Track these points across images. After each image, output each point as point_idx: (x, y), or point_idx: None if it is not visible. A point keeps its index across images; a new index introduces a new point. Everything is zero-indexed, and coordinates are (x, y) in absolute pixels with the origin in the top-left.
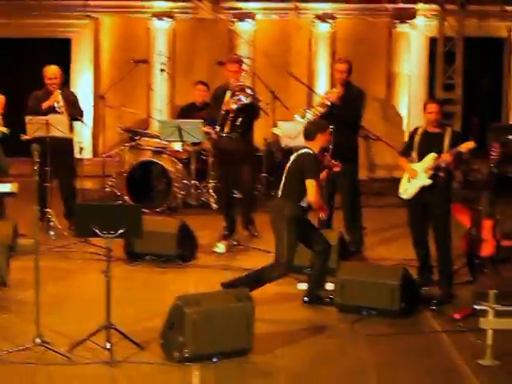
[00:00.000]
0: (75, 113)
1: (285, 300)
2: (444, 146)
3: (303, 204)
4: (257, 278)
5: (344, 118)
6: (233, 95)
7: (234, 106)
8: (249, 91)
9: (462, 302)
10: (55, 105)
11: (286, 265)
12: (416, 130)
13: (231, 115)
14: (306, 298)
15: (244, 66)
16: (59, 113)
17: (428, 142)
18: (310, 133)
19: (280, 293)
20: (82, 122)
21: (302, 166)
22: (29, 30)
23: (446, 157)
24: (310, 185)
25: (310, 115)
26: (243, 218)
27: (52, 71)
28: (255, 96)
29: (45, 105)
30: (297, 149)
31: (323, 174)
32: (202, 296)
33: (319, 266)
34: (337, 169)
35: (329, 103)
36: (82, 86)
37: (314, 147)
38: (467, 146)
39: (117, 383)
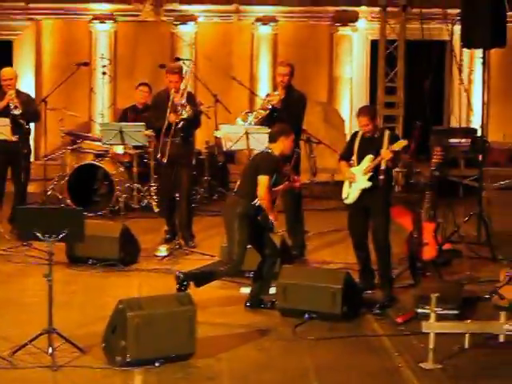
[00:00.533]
0: (31, 112)
1: (228, 303)
2: (382, 148)
3: (257, 203)
4: (206, 274)
5: (285, 121)
6: (175, 110)
7: (176, 119)
8: (188, 108)
9: (404, 306)
10: (10, 105)
11: (236, 262)
12: (356, 133)
13: (173, 125)
14: (248, 303)
15: (185, 72)
16: (14, 113)
17: (366, 146)
18: (272, 135)
19: (223, 296)
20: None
21: (257, 163)
22: None
23: (384, 153)
24: (261, 181)
25: (251, 118)
26: (181, 222)
27: (8, 72)
28: (196, 108)
29: (1, 104)
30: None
31: (284, 185)
32: (145, 300)
33: (266, 270)
34: (297, 184)
35: (270, 106)
36: (24, 88)
37: (275, 149)
38: (400, 144)
39: None
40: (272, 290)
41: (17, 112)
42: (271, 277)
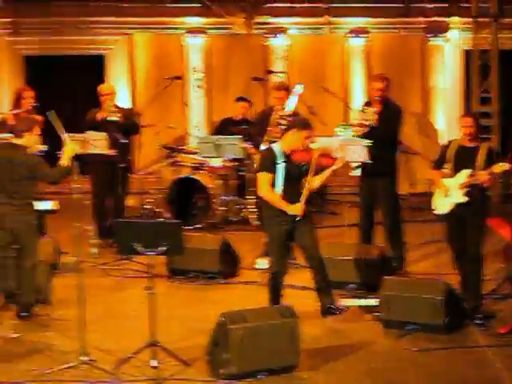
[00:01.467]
0: (130, 125)
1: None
2: (478, 161)
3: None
4: None
5: (382, 137)
6: (279, 124)
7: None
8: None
9: (508, 316)
10: (109, 119)
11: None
12: (449, 142)
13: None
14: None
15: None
16: (115, 120)
17: (463, 157)
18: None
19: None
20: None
21: None
22: (63, 47)
23: (482, 176)
24: (258, 178)
25: (349, 133)
26: None
27: (106, 87)
28: None
29: (99, 115)
30: None
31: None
32: (247, 312)
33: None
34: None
35: (367, 123)
36: (118, 103)
37: (282, 142)
38: (501, 167)
39: None
40: (373, 302)
41: (116, 120)
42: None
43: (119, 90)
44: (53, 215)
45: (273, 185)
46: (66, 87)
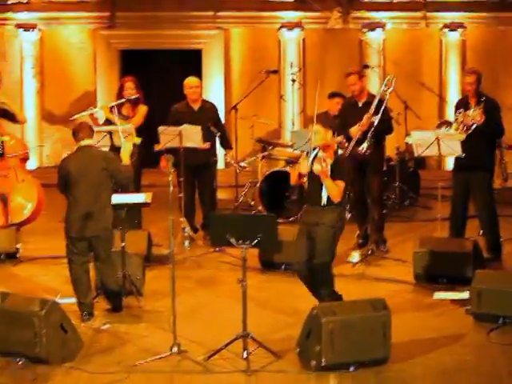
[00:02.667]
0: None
1: (419, 309)
2: None
3: None
4: None
5: (485, 131)
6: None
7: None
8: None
9: None
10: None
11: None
12: None
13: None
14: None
15: (365, 76)
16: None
17: None
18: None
19: (415, 300)
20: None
21: None
22: (159, 42)
23: None
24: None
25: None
26: (373, 227)
27: (192, 80)
28: (388, 115)
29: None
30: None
31: None
32: (339, 305)
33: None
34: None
35: (471, 123)
36: (214, 96)
37: None
38: None
39: None
40: (464, 295)
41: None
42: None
43: (215, 84)
44: (146, 208)
45: None
46: (161, 81)
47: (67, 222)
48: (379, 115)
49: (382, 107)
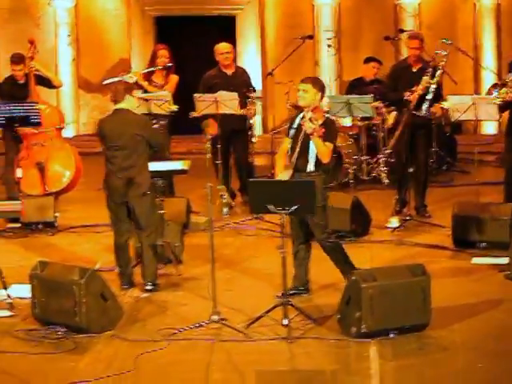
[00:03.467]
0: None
1: (458, 274)
2: None
3: None
4: None
5: None
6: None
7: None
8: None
9: None
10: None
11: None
12: None
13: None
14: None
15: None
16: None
17: None
18: None
19: (453, 267)
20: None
21: None
22: (194, 8)
23: None
24: None
25: (496, 94)
26: (416, 192)
27: (223, 45)
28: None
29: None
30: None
31: None
32: (378, 271)
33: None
34: None
35: None
36: (249, 63)
37: None
38: None
39: (294, 359)
40: (505, 260)
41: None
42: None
43: (250, 50)
44: (184, 175)
45: None
46: (195, 48)
47: (105, 188)
48: (435, 79)
49: (439, 72)
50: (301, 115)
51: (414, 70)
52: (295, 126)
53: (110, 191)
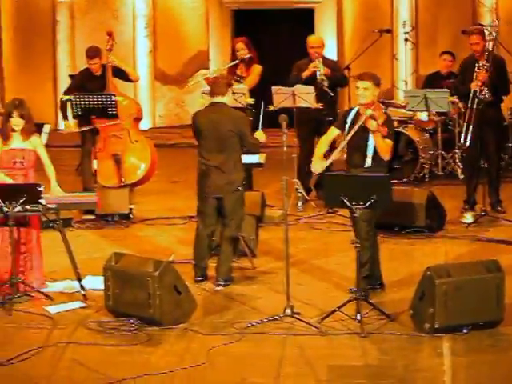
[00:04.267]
0: (339, 78)
1: None
2: None
3: None
4: None
5: None
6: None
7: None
8: (484, 92)
9: None
10: (317, 74)
11: None
12: None
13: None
14: None
15: (487, 35)
16: (320, 82)
17: None
18: None
19: None
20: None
21: None
22: (272, 1)
23: None
24: None
25: None
26: (490, 187)
27: (315, 39)
28: (504, 76)
29: (305, 74)
30: None
31: None
32: (452, 267)
33: None
34: None
35: None
36: (327, 56)
37: None
38: None
39: (367, 354)
40: None
41: (322, 80)
42: None
43: (327, 43)
44: (260, 168)
45: None
46: (274, 41)
47: (198, 181)
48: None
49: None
50: (355, 110)
51: (481, 64)
52: (349, 120)
53: (201, 184)
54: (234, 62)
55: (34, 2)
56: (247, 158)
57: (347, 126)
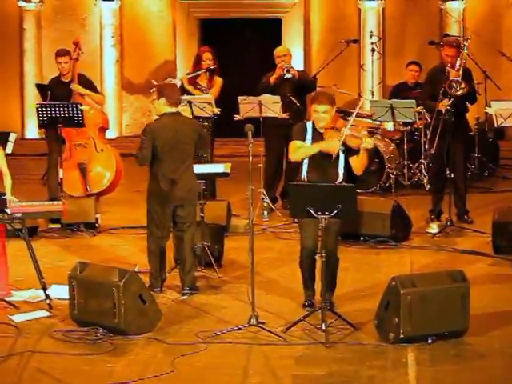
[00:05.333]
0: (307, 81)
1: (499, 281)
2: None
3: None
4: None
5: None
6: (449, 87)
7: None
8: (463, 85)
9: None
10: (284, 71)
11: None
12: None
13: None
14: None
15: (462, 48)
16: (292, 81)
17: None
18: None
19: (494, 273)
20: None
21: None
22: (239, 11)
23: None
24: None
25: None
26: (456, 198)
27: (281, 49)
28: (472, 84)
29: (273, 77)
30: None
31: None
32: (418, 277)
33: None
34: None
35: None
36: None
37: None
38: None
39: (332, 364)
40: None
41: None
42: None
43: (295, 53)
44: (225, 178)
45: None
46: (240, 51)
47: (150, 190)
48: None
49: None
50: (309, 124)
51: (453, 77)
52: (309, 138)
53: (155, 194)
54: (200, 72)
55: (0, 10)
56: (212, 168)
57: (308, 142)
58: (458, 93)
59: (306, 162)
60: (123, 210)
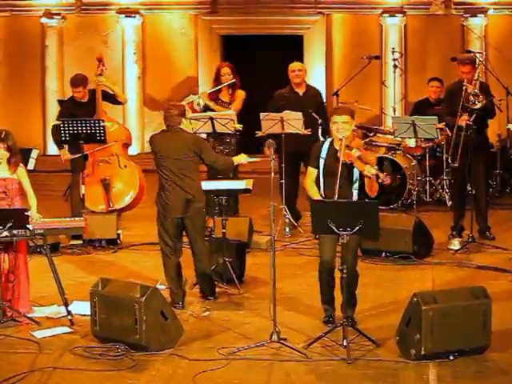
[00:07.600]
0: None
1: None
2: None
3: None
4: None
5: None
6: (467, 101)
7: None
8: (481, 98)
9: None
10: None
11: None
12: None
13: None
14: None
15: (477, 64)
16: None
17: None
18: None
19: None
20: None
21: None
22: (261, 27)
23: None
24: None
25: None
26: (477, 214)
27: (295, 64)
28: (490, 98)
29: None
30: None
31: None
32: (439, 293)
33: None
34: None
35: None
36: (315, 82)
37: None
38: None
39: (353, 380)
40: None
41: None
42: None
43: (316, 70)
44: (247, 194)
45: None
46: (262, 67)
47: (157, 204)
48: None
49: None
50: (327, 143)
51: (471, 91)
52: (323, 155)
53: (158, 206)
54: (219, 87)
55: (22, 27)
56: (234, 184)
57: (321, 160)
58: (477, 106)
59: (321, 178)
60: (145, 226)
